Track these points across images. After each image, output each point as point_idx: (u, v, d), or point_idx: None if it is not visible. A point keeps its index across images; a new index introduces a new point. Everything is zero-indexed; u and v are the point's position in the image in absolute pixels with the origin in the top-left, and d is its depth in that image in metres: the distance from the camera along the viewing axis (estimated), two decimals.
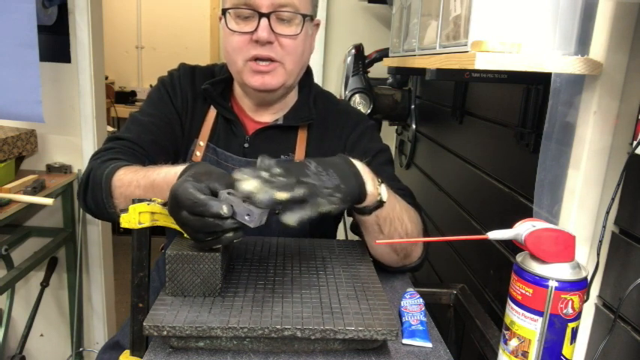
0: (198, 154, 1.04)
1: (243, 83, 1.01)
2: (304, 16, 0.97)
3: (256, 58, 0.96)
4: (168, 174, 0.81)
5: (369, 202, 0.81)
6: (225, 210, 0.64)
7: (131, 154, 0.98)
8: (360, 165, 0.80)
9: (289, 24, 0.96)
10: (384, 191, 0.83)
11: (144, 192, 0.83)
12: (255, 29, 0.94)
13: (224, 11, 0.97)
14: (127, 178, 0.87)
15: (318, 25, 1.07)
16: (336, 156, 0.79)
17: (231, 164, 1.04)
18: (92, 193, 0.92)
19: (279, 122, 1.08)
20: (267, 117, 1.09)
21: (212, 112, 1.08)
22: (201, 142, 1.05)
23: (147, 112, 1.06)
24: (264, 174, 0.67)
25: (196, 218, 0.65)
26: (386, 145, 1.12)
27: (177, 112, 1.07)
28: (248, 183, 0.66)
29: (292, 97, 1.11)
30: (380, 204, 0.83)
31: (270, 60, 0.97)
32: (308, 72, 1.11)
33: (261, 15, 0.93)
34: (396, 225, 0.87)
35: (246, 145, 1.06)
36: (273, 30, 0.95)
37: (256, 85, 0.98)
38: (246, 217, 0.66)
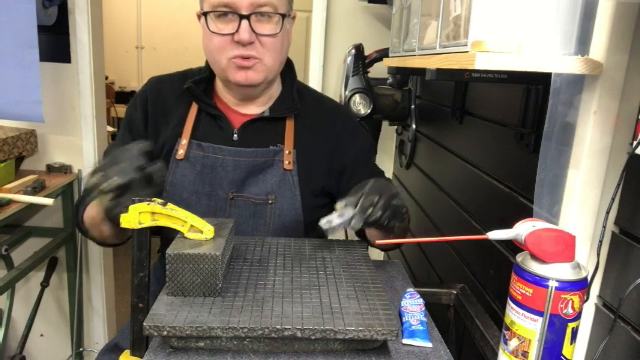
0: (181, 151, 1.06)
1: (227, 80, 1.04)
2: (282, 15, 0.99)
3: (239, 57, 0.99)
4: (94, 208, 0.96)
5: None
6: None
7: None
8: None
9: (269, 22, 0.99)
10: None
11: (96, 228, 1.00)
12: (237, 30, 0.96)
13: (204, 14, 0.99)
14: (88, 220, 1.02)
15: (294, 17, 1.09)
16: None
17: (221, 155, 1.05)
18: (78, 227, 1.08)
19: (266, 114, 1.09)
20: (252, 109, 1.11)
21: (193, 110, 1.09)
22: (184, 140, 1.07)
23: (123, 139, 1.09)
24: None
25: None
26: (370, 137, 1.20)
27: (156, 121, 1.10)
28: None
29: (276, 89, 1.13)
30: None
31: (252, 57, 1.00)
32: (290, 65, 1.14)
33: (241, 17, 0.95)
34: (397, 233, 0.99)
35: (235, 137, 1.08)
36: (253, 30, 0.97)
37: (240, 81, 1.01)
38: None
